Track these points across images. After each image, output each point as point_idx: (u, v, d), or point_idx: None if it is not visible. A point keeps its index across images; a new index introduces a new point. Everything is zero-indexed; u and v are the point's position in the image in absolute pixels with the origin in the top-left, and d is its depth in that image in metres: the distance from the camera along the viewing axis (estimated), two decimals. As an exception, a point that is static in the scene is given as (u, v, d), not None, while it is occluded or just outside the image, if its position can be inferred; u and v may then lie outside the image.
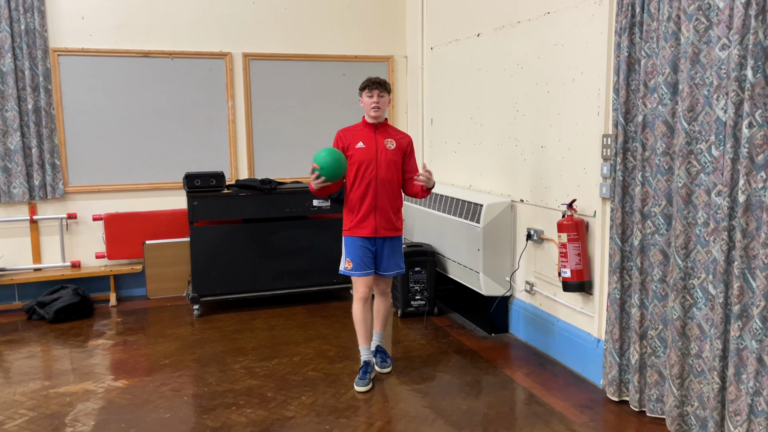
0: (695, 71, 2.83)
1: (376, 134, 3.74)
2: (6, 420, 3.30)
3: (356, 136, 3.73)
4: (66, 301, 4.96)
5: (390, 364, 3.93)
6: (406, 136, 3.85)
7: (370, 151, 3.69)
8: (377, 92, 3.67)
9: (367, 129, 3.76)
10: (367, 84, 3.71)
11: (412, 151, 3.86)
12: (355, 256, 3.72)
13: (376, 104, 3.67)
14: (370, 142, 3.71)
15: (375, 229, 3.70)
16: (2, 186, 5.16)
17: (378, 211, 3.70)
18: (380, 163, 3.69)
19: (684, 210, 2.92)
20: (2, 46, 5.04)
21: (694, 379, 2.98)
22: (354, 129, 3.79)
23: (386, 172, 3.70)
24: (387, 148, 3.71)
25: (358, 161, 3.68)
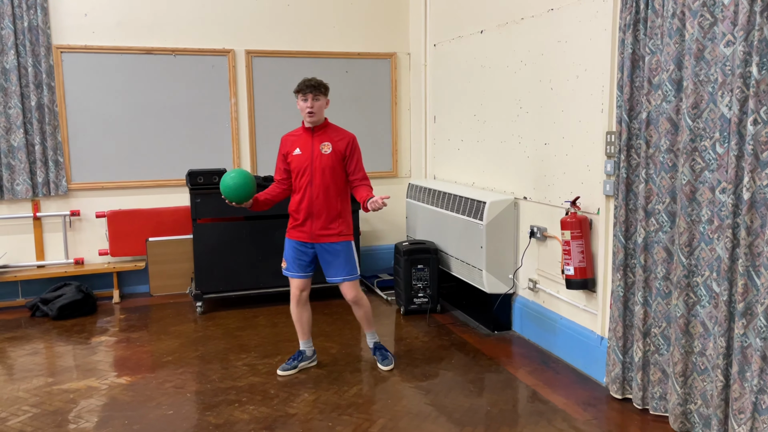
0: (700, 68, 2.82)
1: (313, 139, 3.64)
2: (9, 416, 3.31)
3: (294, 143, 3.67)
4: (69, 298, 4.97)
5: (392, 360, 3.91)
6: (346, 136, 3.69)
7: (306, 157, 3.62)
8: (311, 96, 3.55)
9: (305, 134, 3.67)
10: (300, 88, 3.58)
11: (354, 153, 3.68)
12: (289, 257, 3.75)
13: (310, 109, 3.56)
14: (306, 147, 3.63)
15: (311, 236, 3.67)
16: (6, 183, 5.17)
17: (314, 218, 3.64)
18: (315, 170, 3.60)
19: (688, 207, 2.91)
20: (5, 43, 5.04)
21: (697, 376, 2.97)
22: (295, 134, 3.72)
23: (321, 178, 3.60)
24: (323, 153, 3.60)
25: (295, 168, 3.64)
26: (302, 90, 3.57)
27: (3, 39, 5.04)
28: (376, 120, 6.12)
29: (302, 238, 3.70)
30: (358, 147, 3.72)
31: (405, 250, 4.90)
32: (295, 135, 3.71)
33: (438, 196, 5.04)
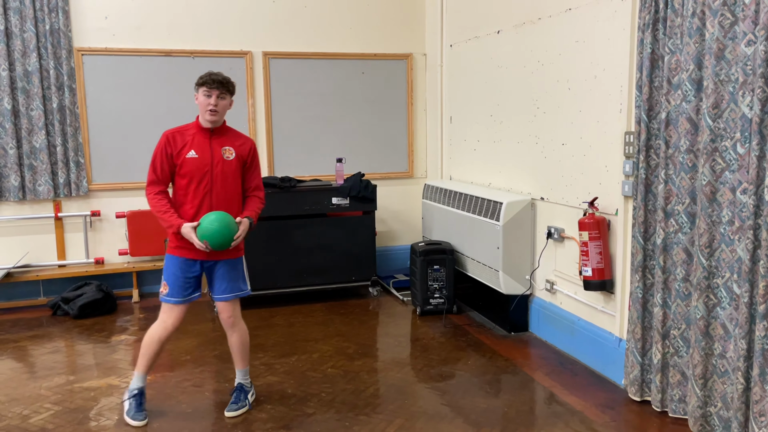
0: (720, 67, 2.79)
1: (211, 141, 3.19)
2: (32, 414, 3.37)
3: (187, 143, 3.15)
4: (90, 297, 5.04)
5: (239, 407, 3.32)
6: (247, 141, 3.32)
7: (204, 162, 3.14)
8: (217, 93, 3.12)
9: (201, 134, 3.18)
10: (206, 80, 3.12)
11: (254, 160, 3.32)
12: (172, 280, 3.20)
13: (213, 107, 3.12)
14: (204, 150, 3.15)
15: (205, 253, 3.16)
16: (28, 184, 5.25)
17: None
18: (216, 177, 3.16)
19: (708, 208, 2.89)
20: (27, 45, 5.13)
21: (717, 379, 2.95)
22: (184, 132, 3.18)
23: (223, 186, 3.17)
24: (225, 159, 3.18)
25: (188, 173, 3.13)
26: (208, 83, 3.12)
27: (25, 42, 5.12)
28: (392, 121, 6.13)
29: (192, 255, 3.18)
30: (257, 153, 3.39)
31: (421, 251, 4.90)
32: (185, 133, 3.18)
33: (454, 197, 5.04)
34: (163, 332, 3.25)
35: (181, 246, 3.18)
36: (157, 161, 3.17)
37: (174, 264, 3.21)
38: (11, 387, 3.70)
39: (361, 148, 6.07)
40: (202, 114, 3.20)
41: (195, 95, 3.20)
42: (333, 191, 5.28)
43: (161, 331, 3.25)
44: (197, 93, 3.18)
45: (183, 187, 3.18)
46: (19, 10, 5.08)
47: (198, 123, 3.24)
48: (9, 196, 5.22)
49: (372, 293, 5.51)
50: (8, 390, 3.66)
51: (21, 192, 5.24)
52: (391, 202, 6.17)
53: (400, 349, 4.25)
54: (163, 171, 3.18)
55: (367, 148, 6.07)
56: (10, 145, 5.14)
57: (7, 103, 5.09)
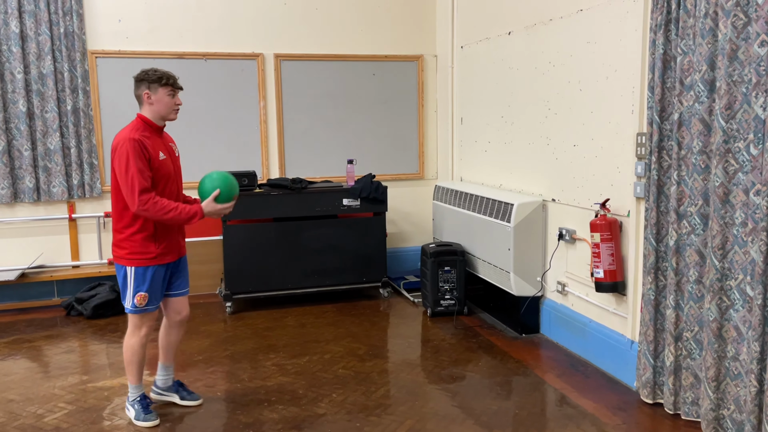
0: (733, 68, 2.77)
1: (163, 140, 3.20)
2: (46, 413, 3.40)
3: (153, 145, 3.06)
4: (103, 298, 5.08)
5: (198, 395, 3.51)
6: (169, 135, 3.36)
7: (169, 162, 3.15)
8: (178, 92, 3.15)
9: (156, 135, 3.13)
10: (168, 80, 3.06)
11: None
12: (155, 289, 3.16)
13: (179, 106, 3.17)
14: (166, 151, 3.16)
15: (178, 251, 3.26)
16: (42, 185, 5.31)
17: (179, 230, 3.26)
18: (178, 175, 3.24)
19: (721, 210, 2.87)
20: (42, 48, 5.18)
21: (730, 382, 2.93)
22: (142, 134, 3.05)
23: (181, 184, 3.26)
24: (177, 156, 3.28)
25: (164, 176, 3.09)
26: (173, 83, 3.09)
27: (40, 45, 5.18)
28: (403, 122, 6.14)
29: (170, 259, 3.21)
30: None
31: (432, 252, 4.90)
32: (146, 136, 3.07)
33: (465, 198, 5.03)
34: (143, 339, 3.25)
35: (164, 252, 3.16)
36: (142, 167, 2.98)
37: (156, 273, 3.15)
38: (26, 386, 3.75)
39: (372, 149, 6.08)
40: (165, 113, 3.12)
41: (145, 92, 3.07)
42: (344, 192, 5.29)
43: (141, 339, 3.24)
44: (152, 92, 3.06)
45: (159, 192, 3.08)
46: (34, 14, 5.14)
47: (145, 123, 3.11)
48: (24, 198, 5.28)
49: (383, 294, 5.52)
50: (23, 389, 3.70)
51: (36, 193, 5.30)
52: (401, 204, 6.17)
53: (410, 351, 4.25)
54: (147, 177, 3.01)
55: (378, 150, 6.08)
56: (25, 147, 5.20)
57: (22, 105, 5.15)
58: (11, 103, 5.17)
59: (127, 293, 3.15)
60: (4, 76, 5.13)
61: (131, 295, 3.14)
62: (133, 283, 3.13)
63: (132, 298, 3.13)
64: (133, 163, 2.97)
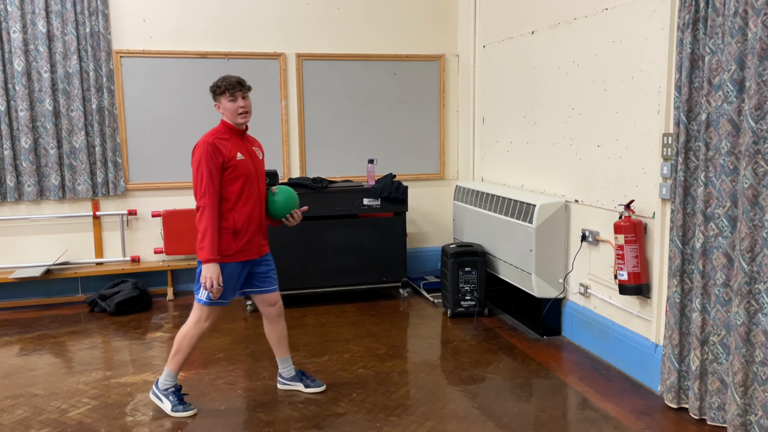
0: (763, 68, 2.72)
1: (244, 143, 3.28)
2: (70, 408, 3.44)
3: (230, 147, 3.18)
4: (126, 295, 5.14)
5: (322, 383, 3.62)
6: (255, 139, 3.47)
7: (249, 163, 3.24)
8: (240, 95, 3.19)
9: (236, 137, 3.25)
10: (225, 87, 3.17)
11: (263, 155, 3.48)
12: (229, 285, 3.24)
13: (243, 108, 3.20)
14: (245, 152, 3.24)
15: (258, 250, 3.32)
16: (68, 183, 5.39)
17: (259, 229, 3.31)
18: (259, 176, 3.29)
19: (750, 212, 2.81)
20: (68, 48, 5.26)
21: (758, 387, 2.87)
22: (221, 137, 3.20)
23: (263, 184, 3.33)
24: (259, 159, 3.34)
25: (242, 176, 3.18)
26: (229, 89, 3.17)
27: (66, 44, 5.26)
28: (424, 122, 6.12)
29: (249, 257, 3.28)
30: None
31: (452, 253, 4.88)
32: (223, 139, 3.21)
33: (486, 199, 5.00)
34: (204, 332, 3.33)
35: (242, 250, 3.23)
36: (212, 169, 3.12)
37: (234, 269, 3.24)
38: (50, 381, 3.80)
39: (393, 149, 6.07)
40: (233, 118, 3.24)
41: (215, 105, 3.25)
42: (364, 192, 5.29)
43: (201, 331, 3.32)
44: (218, 102, 3.23)
45: (237, 191, 3.19)
46: (61, 14, 5.21)
47: (226, 128, 3.26)
48: (50, 195, 5.36)
49: (402, 294, 5.51)
50: (47, 384, 3.76)
51: (61, 191, 5.37)
52: (422, 204, 6.15)
53: (430, 351, 4.24)
54: (218, 179, 3.15)
55: (399, 150, 6.07)
56: (51, 145, 5.28)
57: (49, 104, 5.23)
58: (38, 101, 5.25)
59: (200, 285, 3.20)
60: (31, 75, 5.22)
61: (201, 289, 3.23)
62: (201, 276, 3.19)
63: (206, 291, 3.19)
64: (204, 165, 3.12)
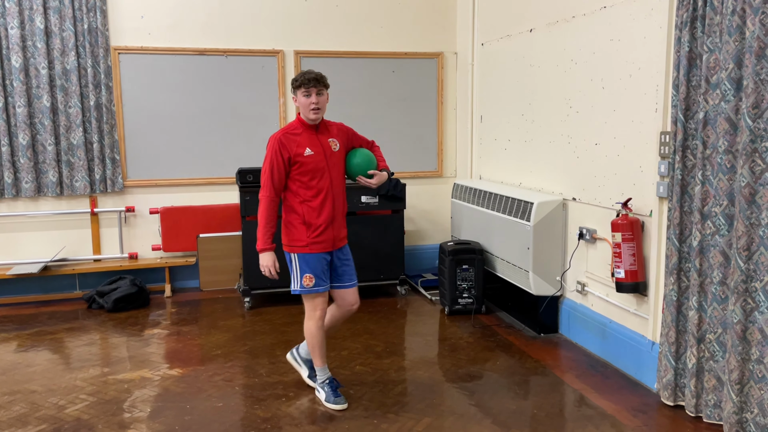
0: (761, 66, 2.73)
1: (319, 136, 3.34)
2: (68, 404, 3.45)
3: (299, 142, 3.27)
4: (124, 291, 5.14)
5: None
6: (338, 125, 3.47)
7: (320, 157, 3.29)
8: (315, 90, 3.25)
9: (308, 132, 3.32)
10: (302, 81, 3.25)
11: (353, 132, 3.51)
12: (316, 271, 3.33)
13: (315, 105, 3.25)
14: (316, 146, 3.29)
15: (333, 242, 3.37)
16: (65, 179, 5.38)
17: (335, 222, 3.37)
18: (332, 169, 3.33)
19: (747, 210, 2.82)
20: (66, 44, 5.25)
21: (754, 385, 2.88)
22: (293, 133, 3.31)
23: (338, 177, 3.37)
24: (334, 151, 3.35)
25: (311, 170, 3.27)
26: (305, 84, 3.24)
27: (64, 41, 5.25)
28: (422, 120, 6.12)
29: (323, 249, 3.35)
30: (350, 127, 3.55)
31: (450, 250, 4.89)
32: (295, 134, 3.30)
33: (484, 197, 5.01)
34: (319, 322, 3.40)
35: (310, 242, 3.32)
36: (274, 165, 3.26)
37: (313, 258, 3.34)
38: (48, 378, 3.80)
39: (391, 146, 6.05)
40: (305, 113, 3.30)
41: (293, 98, 3.33)
42: (362, 190, 5.29)
43: (317, 322, 3.40)
44: (295, 95, 3.30)
45: (305, 185, 3.29)
46: (59, 10, 5.20)
47: (301, 122, 3.35)
48: (47, 192, 5.35)
49: (400, 292, 5.52)
50: (45, 380, 3.76)
51: (59, 187, 5.37)
52: (420, 201, 6.16)
53: (428, 349, 4.25)
54: (280, 174, 3.27)
55: (397, 147, 6.07)
56: (49, 142, 5.27)
57: (46, 100, 5.22)
58: (36, 98, 5.24)
59: (293, 277, 3.37)
60: (29, 72, 5.21)
61: (298, 278, 3.35)
62: (298, 267, 3.35)
63: (299, 280, 3.34)
64: (268, 159, 3.29)
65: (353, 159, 3.42)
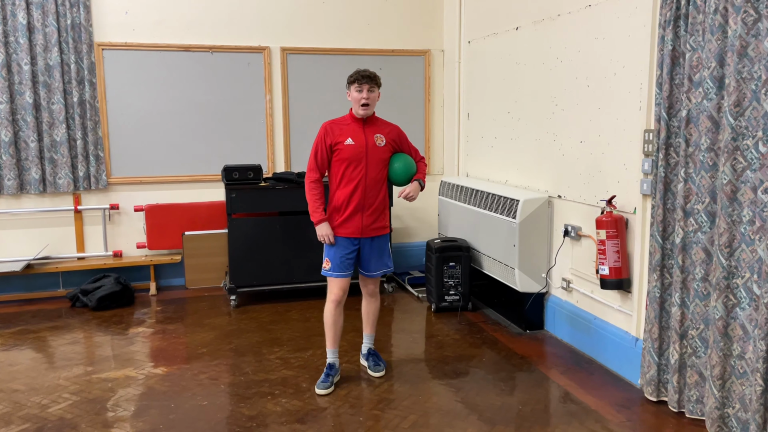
0: (743, 65, 2.75)
1: (365, 129, 3.55)
2: (51, 403, 3.42)
3: (344, 132, 3.53)
4: (108, 290, 5.10)
5: (383, 367, 3.77)
6: (393, 127, 3.68)
7: (360, 148, 3.51)
8: (367, 87, 3.48)
9: (355, 124, 3.56)
10: (356, 77, 3.50)
11: (405, 139, 3.72)
12: (335, 257, 3.57)
13: (365, 100, 3.48)
14: (359, 138, 3.52)
15: (361, 230, 3.56)
16: (48, 177, 5.32)
17: (365, 211, 3.54)
18: (370, 161, 3.52)
19: (728, 207, 2.85)
20: (49, 40, 5.19)
21: (736, 380, 2.91)
22: (341, 123, 3.58)
23: (375, 170, 3.54)
24: (377, 145, 3.55)
25: (347, 159, 3.50)
26: (358, 80, 3.49)
27: (47, 36, 5.19)
28: (409, 117, 6.12)
29: (350, 234, 3.56)
30: (405, 134, 3.76)
31: (437, 248, 4.90)
32: (342, 124, 3.57)
33: (470, 194, 5.02)
34: (331, 305, 3.62)
35: (336, 227, 3.56)
36: (317, 149, 3.55)
37: (339, 242, 3.56)
38: (31, 377, 3.76)
39: (378, 144, 6.06)
40: (355, 107, 3.53)
41: (347, 92, 3.57)
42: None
43: (329, 305, 3.63)
44: (349, 90, 3.55)
45: (341, 171, 3.53)
46: (42, 5, 5.14)
47: (352, 115, 3.58)
48: (30, 189, 5.29)
49: (387, 289, 5.52)
50: (28, 380, 3.72)
51: (42, 185, 5.31)
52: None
53: (414, 346, 4.25)
54: (322, 158, 3.55)
55: (384, 145, 6.07)
56: (32, 139, 5.21)
57: (29, 97, 5.16)
58: (18, 94, 5.18)
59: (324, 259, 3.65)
60: (11, 68, 5.14)
61: (323, 259, 3.64)
62: (324, 249, 3.63)
63: (323, 261, 3.63)
64: (314, 145, 3.57)
65: (394, 163, 3.63)
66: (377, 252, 3.66)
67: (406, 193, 3.63)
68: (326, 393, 3.51)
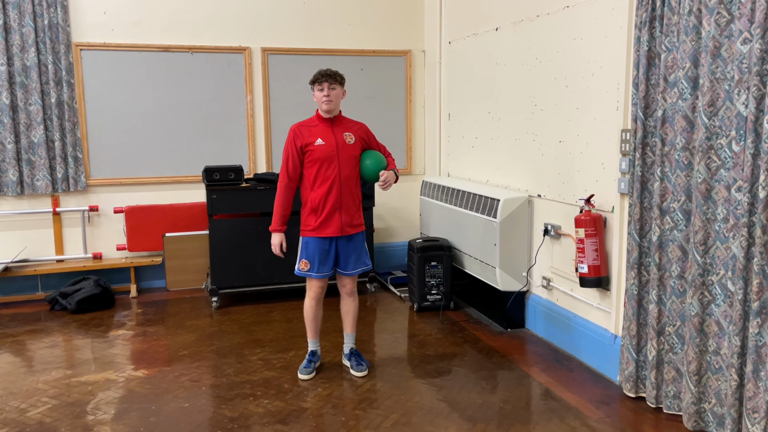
0: (716, 65, 2.80)
1: (333, 129, 3.61)
2: (29, 408, 3.38)
3: (313, 133, 3.59)
4: (88, 292, 5.05)
5: (366, 367, 3.78)
6: (360, 125, 3.74)
7: (330, 147, 3.56)
8: (327, 84, 3.54)
9: (323, 124, 3.62)
10: (316, 77, 3.57)
11: (373, 136, 3.78)
12: (314, 258, 3.64)
13: (327, 97, 3.54)
14: (328, 137, 3.58)
15: (341, 228, 3.62)
16: (26, 178, 5.26)
17: (342, 210, 3.61)
18: (342, 160, 3.58)
19: (703, 206, 2.90)
20: (26, 40, 5.13)
21: (711, 376, 2.96)
22: (309, 124, 3.64)
23: (348, 168, 3.60)
24: (347, 143, 3.61)
25: (319, 159, 3.55)
26: (318, 80, 3.55)
27: (24, 36, 5.12)
28: (391, 117, 6.14)
29: (331, 233, 3.61)
30: (371, 131, 3.82)
31: (419, 247, 4.92)
32: (311, 125, 3.62)
33: (452, 194, 5.05)
34: (311, 302, 3.75)
35: (313, 227, 3.63)
36: (289, 153, 3.60)
37: (314, 243, 3.64)
38: (9, 381, 3.72)
39: (360, 144, 6.07)
40: (319, 106, 3.61)
41: (313, 95, 3.62)
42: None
43: (309, 302, 3.76)
44: (313, 92, 3.61)
45: (314, 172, 3.58)
46: (18, 5, 5.08)
47: (319, 115, 3.64)
48: (7, 191, 5.22)
49: (369, 289, 5.53)
50: (6, 384, 3.68)
51: (19, 187, 5.24)
52: (389, 199, 6.18)
53: (396, 345, 4.27)
54: (294, 162, 3.60)
55: (366, 145, 6.08)
56: (9, 140, 5.14)
57: (6, 98, 5.10)
58: (-6, 95, 5.11)
59: (297, 258, 3.71)
60: (-13, 68, 5.07)
61: (298, 261, 3.70)
62: (300, 251, 3.70)
63: (298, 263, 3.70)
64: (285, 149, 3.63)
65: (365, 160, 3.67)
66: (355, 250, 3.70)
67: (384, 178, 3.66)
68: (308, 378, 3.68)
